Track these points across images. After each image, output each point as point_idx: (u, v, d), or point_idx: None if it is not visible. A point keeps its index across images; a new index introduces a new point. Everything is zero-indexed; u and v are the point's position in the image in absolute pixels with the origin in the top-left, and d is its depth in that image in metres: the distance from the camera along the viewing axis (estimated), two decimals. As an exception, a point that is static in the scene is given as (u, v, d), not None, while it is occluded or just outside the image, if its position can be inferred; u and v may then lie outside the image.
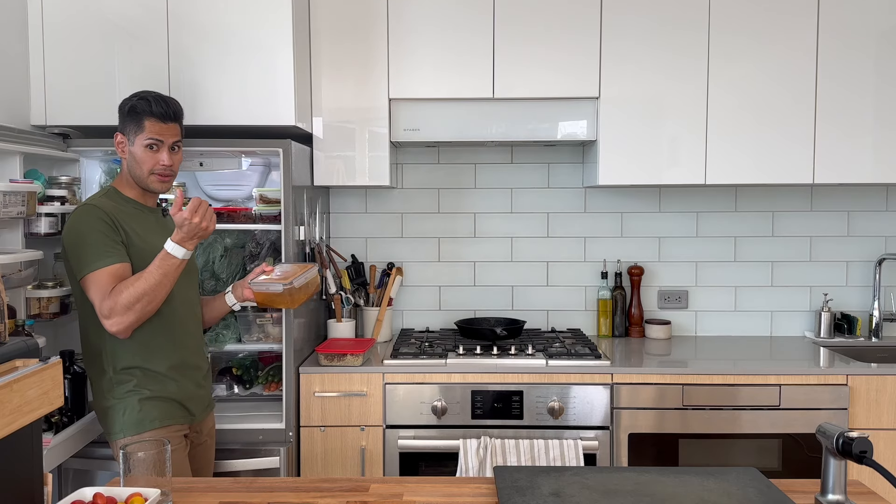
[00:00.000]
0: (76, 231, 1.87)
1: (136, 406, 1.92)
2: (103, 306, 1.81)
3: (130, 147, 1.97)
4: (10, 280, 1.99)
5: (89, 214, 1.88)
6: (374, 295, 2.95)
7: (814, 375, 2.45)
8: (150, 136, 1.95)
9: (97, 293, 1.82)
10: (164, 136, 1.97)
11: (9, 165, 2.11)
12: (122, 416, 1.92)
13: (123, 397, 1.92)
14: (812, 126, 2.64)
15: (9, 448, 1.29)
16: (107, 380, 1.93)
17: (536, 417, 2.45)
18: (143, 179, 1.98)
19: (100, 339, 1.92)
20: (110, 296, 1.81)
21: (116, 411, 1.92)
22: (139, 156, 1.96)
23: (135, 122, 1.96)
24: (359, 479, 1.60)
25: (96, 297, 1.82)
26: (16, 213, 2.02)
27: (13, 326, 2.02)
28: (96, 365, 1.95)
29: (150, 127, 1.95)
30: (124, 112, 1.98)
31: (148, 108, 1.95)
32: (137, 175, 1.98)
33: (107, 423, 1.94)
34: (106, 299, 1.81)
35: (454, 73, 2.64)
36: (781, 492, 1.44)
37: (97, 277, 1.83)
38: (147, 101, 1.95)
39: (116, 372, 1.93)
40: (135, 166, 1.97)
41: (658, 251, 3.07)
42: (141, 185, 1.99)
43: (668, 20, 2.62)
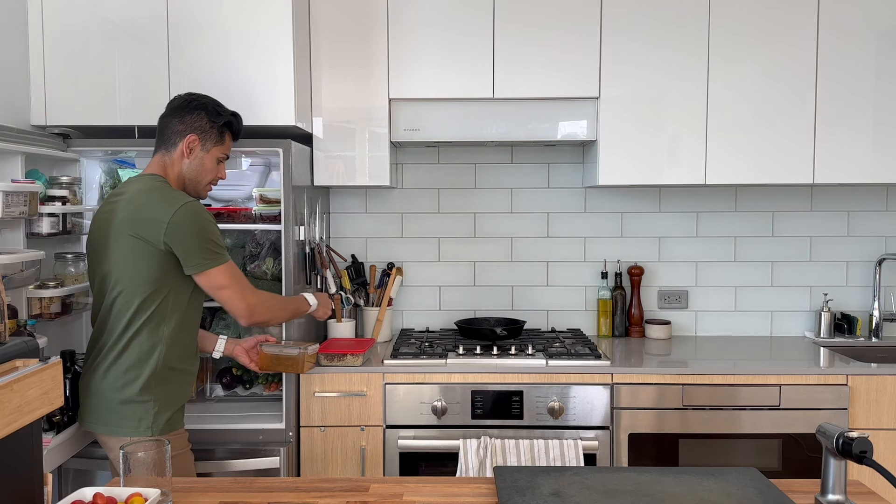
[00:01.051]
0: (199, 225, 1.91)
1: (174, 405, 1.96)
2: (248, 295, 1.99)
3: (203, 153, 2.03)
4: (11, 280, 1.98)
5: (204, 211, 1.96)
6: (374, 295, 2.95)
7: (814, 375, 2.45)
8: (225, 152, 2.09)
9: (235, 282, 1.96)
10: (230, 153, 2.13)
11: (10, 165, 2.11)
12: (155, 414, 1.91)
13: (161, 395, 1.93)
14: (812, 126, 2.64)
15: (9, 448, 1.30)
16: (152, 376, 1.91)
17: (536, 417, 2.45)
18: (199, 185, 2.06)
19: (157, 336, 1.92)
20: (257, 292, 2.03)
21: (149, 407, 1.91)
22: (208, 165, 2.04)
23: (219, 134, 2.05)
24: (359, 479, 1.60)
25: (235, 286, 1.96)
26: (18, 213, 2.02)
27: (15, 326, 2.02)
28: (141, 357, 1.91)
29: (228, 143, 2.09)
30: (217, 123, 2.04)
31: (237, 127, 2.10)
32: (196, 180, 2.04)
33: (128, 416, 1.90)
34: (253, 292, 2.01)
35: (454, 73, 2.64)
36: (781, 492, 1.44)
37: (231, 268, 1.97)
38: (238, 121, 2.10)
39: (163, 369, 1.93)
40: (199, 172, 2.04)
41: (658, 251, 3.07)
42: (193, 189, 2.06)
43: (668, 20, 2.62)
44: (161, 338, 1.92)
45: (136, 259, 1.89)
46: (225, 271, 1.95)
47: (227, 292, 1.96)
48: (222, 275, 1.94)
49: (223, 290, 1.96)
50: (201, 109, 2.02)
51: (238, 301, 1.98)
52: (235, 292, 1.97)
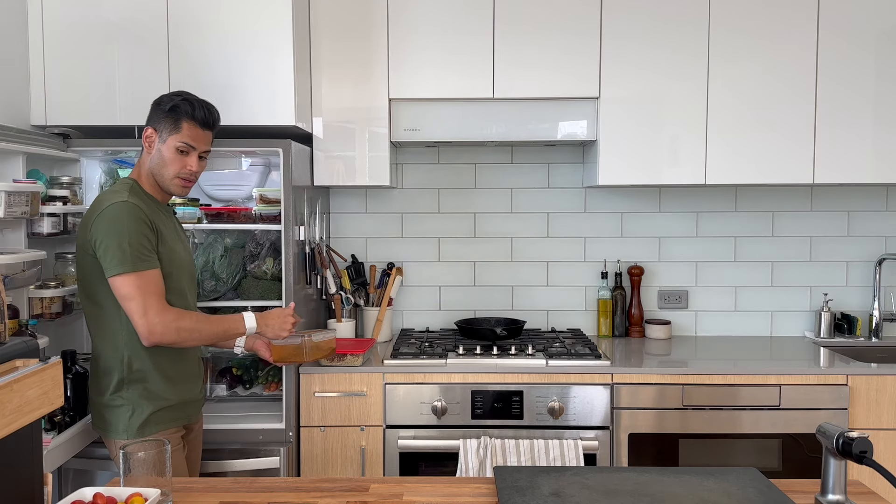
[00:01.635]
0: (115, 227, 1.82)
1: (146, 409, 1.92)
2: (150, 313, 1.80)
3: (160, 144, 1.93)
4: (13, 280, 1.98)
5: (130, 213, 1.84)
6: (374, 295, 2.95)
7: (814, 375, 2.45)
8: (184, 140, 1.93)
9: (140, 294, 1.80)
10: (198, 143, 1.96)
11: (12, 165, 2.12)
12: (129, 418, 1.91)
13: (133, 399, 1.91)
14: (812, 126, 2.64)
15: (9, 448, 1.30)
16: (118, 379, 1.91)
17: (536, 417, 2.45)
18: (165, 180, 1.95)
19: (118, 338, 1.90)
20: (167, 310, 1.83)
21: (124, 411, 1.91)
22: (167, 156, 1.93)
23: (172, 122, 1.92)
24: (359, 479, 1.60)
25: (139, 298, 1.80)
26: (20, 213, 2.02)
27: (16, 326, 2.02)
28: (108, 363, 1.92)
29: (187, 130, 1.93)
30: (163, 109, 1.93)
31: (190, 110, 1.93)
32: (160, 174, 1.95)
33: (109, 421, 1.93)
34: (160, 310, 1.82)
35: (454, 73, 2.64)
36: (781, 492, 1.44)
37: (141, 279, 1.81)
38: (191, 104, 1.94)
39: (131, 372, 1.91)
40: (161, 165, 1.94)
41: (658, 251, 3.07)
42: (161, 184, 1.97)
43: (668, 20, 2.62)
44: (122, 342, 1.90)
45: (83, 267, 1.92)
46: (129, 281, 1.80)
47: (129, 304, 1.81)
48: (125, 284, 1.80)
49: (126, 302, 1.81)
50: (158, 102, 1.96)
51: (137, 316, 1.81)
52: (137, 306, 1.81)
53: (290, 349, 2.18)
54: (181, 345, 1.90)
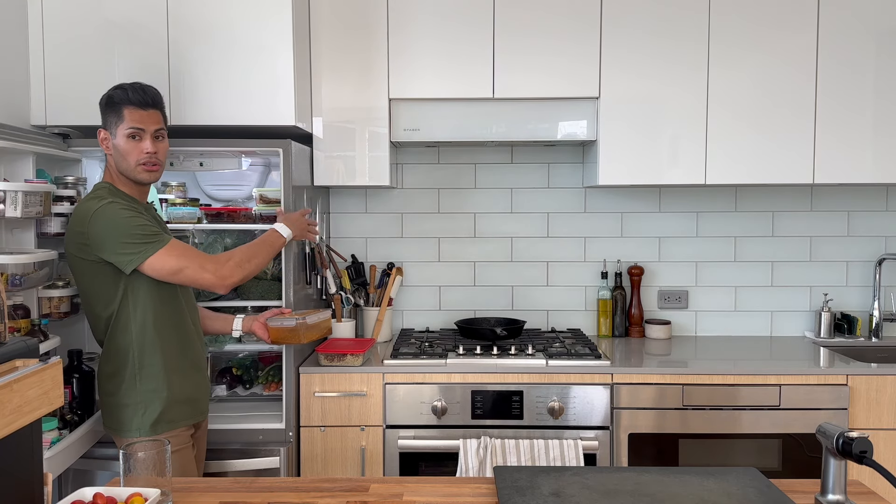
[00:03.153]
0: (114, 224, 1.84)
1: (158, 407, 1.93)
2: (206, 265, 1.89)
3: (114, 140, 1.95)
4: (26, 280, 1.99)
5: (121, 208, 1.86)
6: (374, 295, 2.95)
7: (814, 375, 2.45)
8: (130, 126, 1.93)
9: (185, 258, 1.87)
10: (146, 124, 1.95)
11: (23, 166, 2.12)
12: (142, 416, 1.92)
13: (146, 396, 1.92)
14: (812, 126, 2.64)
15: (9, 448, 1.30)
16: (130, 377, 1.92)
17: (536, 417, 2.45)
18: (130, 171, 1.95)
19: (127, 336, 1.92)
20: (213, 256, 1.92)
21: (137, 409, 1.92)
22: (123, 147, 1.93)
23: (115, 114, 1.94)
24: (359, 479, 1.60)
25: (188, 261, 1.87)
26: (34, 214, 2.02)
27: (29, 326, 2.02)
28: (117, 362, 1.92)
29: (129, 116, 1.93)
30: (103, 105, 1.96)
31: (125, 96, 1.93)
32: (125, 168, 1.95)
33: (121, 420, 1.93)
34: (206, 259, 1.90)
35: (454, 73, 2.64)
36: (781, 492, 1.44)
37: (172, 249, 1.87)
38: (124, 90, 1.94)
39: (142, 368, 1.92)
40: (120, 159, 1.95)
41: (658, 251, 3.07)
42: (130, 177, 1.97)
43: (668, 20, 2.62)
44: (130, 342, 1.92)
45: (82, 273, 1.92)
46: (167, 253, 1.86)
47: (183, 273, 1.88)
48: (166, 257, 1.86)
49: (179, 274, 1.87)
50: (100, 102, 1.98)
51: (200, 275, 1.89)
52: (193, 268, 1.88)
53: (286, 331, 2.19)
54: (249, 273, 1.99)
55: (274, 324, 2.20)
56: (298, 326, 2.18)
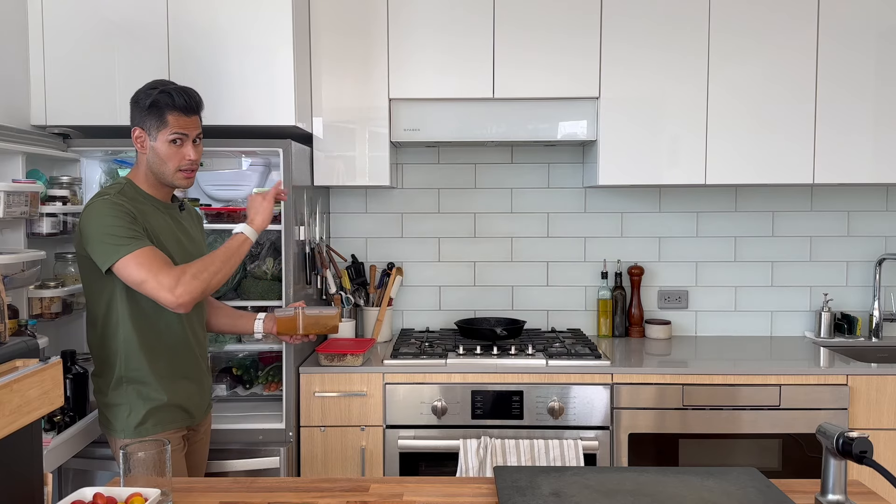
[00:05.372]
0: (98, 221, 1.80)
1: (142, 409, 1.91)
2: (165, 279, 1.76)
3: (152, 143, 1.89)
4: (13, 280, 1.98)
5: (109, 207, 1.81)
6: (374, 295, 2.95)
7: (814, 375, 2.45)
8: (174, 132, 1.88)
9: (148, 269, 1.76)
10: (189, 130, 1.91)
11: (11, 165, 2.12)
12: (127, 418, 1.91)
13: (130, 399, 1.91)
14: (812, 126, 2.64)
15: (9, 448, 1.29)
16: (115, 379, 1.91)
17: (536, 417, 2.45)
18: (168, 176, 1.92)
19: (113, 339, 1.90)
20: (173, 269, 1.79)
21: (121, 411, 1.91)
22: (163, 152, 1.89)
23: (157, 117, 1.88)
24: (359, 479, 1.60)
25: (149, 274, 1.76)
26: (19, 213, 2.02)
27: (16, 326, 2.02)
28: (105, 363, 1.92)
29: (173, 121, 1.88)
30: (143, 106, 1.88)
31: (171, 101, 1.88)
32: (161, 172, 1.91)
33: (109, 419, 1.94)
34: (168, 273, 1.77)
35: (454, 73, 2.64)
36: (781, 492, 1.44)
37: (140, 257, 1.77)
38: (169, 95, 1.88)
39: (128, 370, 1.91)
40: (158, 163, 1.90)
41: (658, 251, 3.07)
42: (164, 181, 1.93)
43: (668, 20, 2.62)
44: (119, 343, 1.90)
45: (80, 267, 1.93)
46: (132, 260, 1.76)
47: (144, 287, 1.78)
48: (130, 265, 1.77)
49: (141, 286, 1.78)
50: (135, 101, 1.91)
51: (157, 293, 1.77)
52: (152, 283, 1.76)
53: (287, 321, 2.14)
54: (210, 289, 1.85)
55: (279, 314, 2.15)
56: (295, 315, 2.13)
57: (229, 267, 1.90)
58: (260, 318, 2.17)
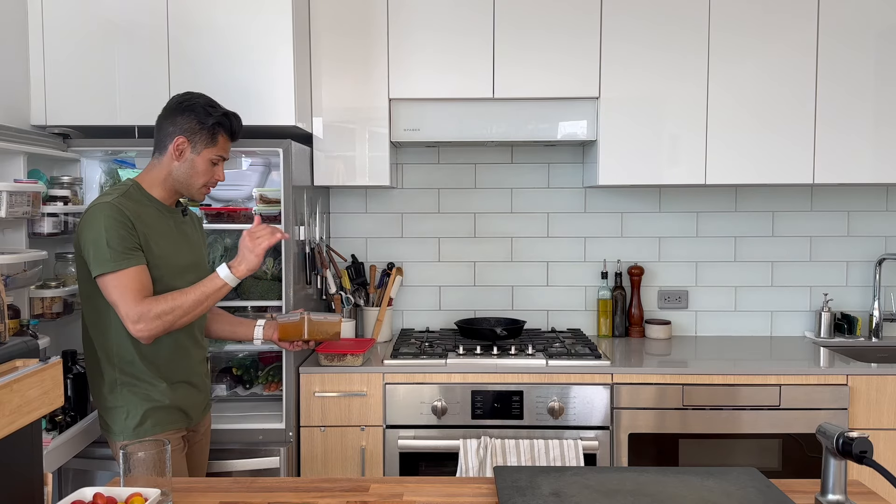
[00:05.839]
0: (95, 228, 1.80)
1: (140, 411, 1.91)
2: (131, 310, 1.78)
3: (193, 155, 1.93)
4: (15, 280, 1.98)
5: (110, 213, 1.81)
6: (374, 295, 2.95)
7: (814, 375, 2.45)
8: (219, 154, 1.97)
9: (120, 294, 1.79)
10: (228, 154, 2.01)
11: (13, 165, 2.12)
12: (125, 420, 1.91)
13: (128, 401, 1.91)
14: (812, 126, 2.64)
15: (9, 448, 1.30)
16: (111, 381, 1.91)
17: (536, 417, 2.45)
18: (192, 189, 1.96)
19: (107, 341, 1.90)
20: (142, 302, 1.79)
21: (119, 413, 1.91)
22: (201, 168, 1.94)
23: (210, 136, 1.94)
24: (359, 479, 1.60)
25: (120, 299, 1.79)
26: (21, 214, 2.02)
27: (17, 326, 2.02)
28: (101, 365, 1.92)
29: (222, 143, 1.97)
30: (206, 125, 1.92)
31: (228, 125, 1.97)
32: (188, 184, 1.95)
33: (108, 422, 1.94)
34: (136, 304, 1.78)
35: (454, 73, 2.64)
36: (781, 492, 1.44)
37: (120, 278, 1.79)
38: (228, 119, 1.97)
39: (123, 373, 1.91)
40: (189, 175, 1.94)
41: (658, 251, 3.07)
42: (186, 192, 1.97)
43: (668, 20, 2.62)
44: (114, 343, 1.89)
45: (78, 268, 1.92)
46: (110, 282, 1.79)
47: (116, 309, 1.80)
48: (108, 285, 1.79)
49: (114, 305, 1.81)
50: (191, 111, 1.93)
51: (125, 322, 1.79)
52: (121, 309, 1.79)
53: (290, 326, 2.16)
54: (174, 327, 1.85)
55: (282, 319, 2.18)
56: (301, 321, 2.16)
57: (201, 310, 1.89)
58: (259, 324, 2.18)
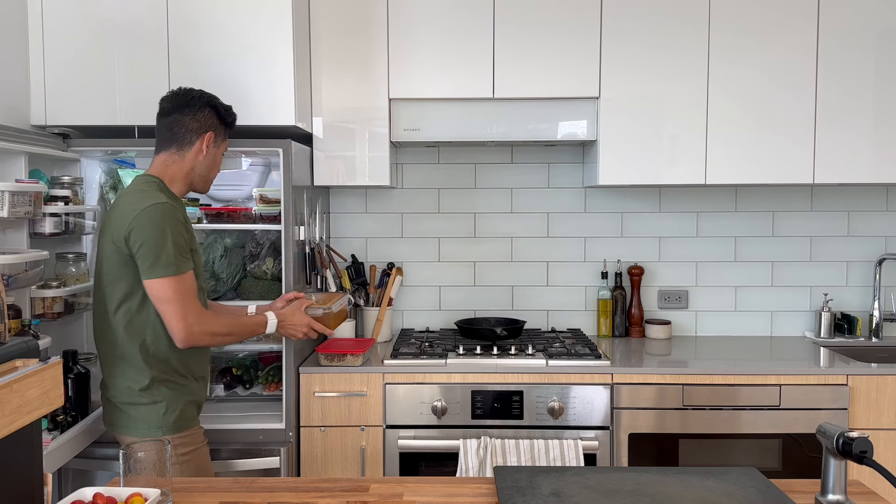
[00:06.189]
0: (156, 229, 1.83)
1: (178, 406, 1.94)
2: (190, 315, 1.86)
3: (214, 149, 2.04)
4: (17, 280, 1.99)
5: (171, 215, 1.87)
6: (374, 295, 2.95)
7: (814, 375, 2.45)
8: (226, 147, 2.13)
9: (179, 298, 1.84)
10: None
11: (14, 166, 2.12)
12: (163, 415, 1.92)
13: (166, 396, 1.92)
14: (812, 126, 2.64)
15: (9, 448, 1.30)
16: (148, 379, 1.91)
17: (536, 417, 2.45)
18: (208, 182, 2.07)
19: (145, 340, 1.90)
20: (204, 313, 1.91)
21: (156, 409, 1.91)
22: (218, 161, 2.07)
23: (226, 130, 2.08)
24: (359, 479, 1.60)
25: (178, 302, 1.84)
26: (23, 213, 2.02)
27: (19, 326, 2.02)
28: (138, 361, 1.91)
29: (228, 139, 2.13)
30: (226, 121, 2.06)
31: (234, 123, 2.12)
32: (207, 177, 2.05)
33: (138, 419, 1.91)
34: (195, 310, 1.87)
35: (454, 72, 2.64)
36: (781, 492, 1.44)
37: (181, 282, 1.85)
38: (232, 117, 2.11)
39: (161, 371, 1.92)
40: (209, 168, 2.04)
41: (658, 251, 3.07)
42: (201, 186, 2.06)
43: (668, 20, 2.62)
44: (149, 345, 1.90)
45: (112, 262, 1.89)
46: (169, 284, 1.83)
47: (167, 307, 1.85)
48: (166, 287, 1.83)
49: (165, 304, 1.85)
50: (211, 107, 2.02)
51: (175, 320, 1.85)
52: (176, 310, 1.84)
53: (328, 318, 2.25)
54: (211, 346, 2.02)
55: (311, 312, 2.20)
56: (325, 316, 2.22)
57: (238, 340, 2.08)
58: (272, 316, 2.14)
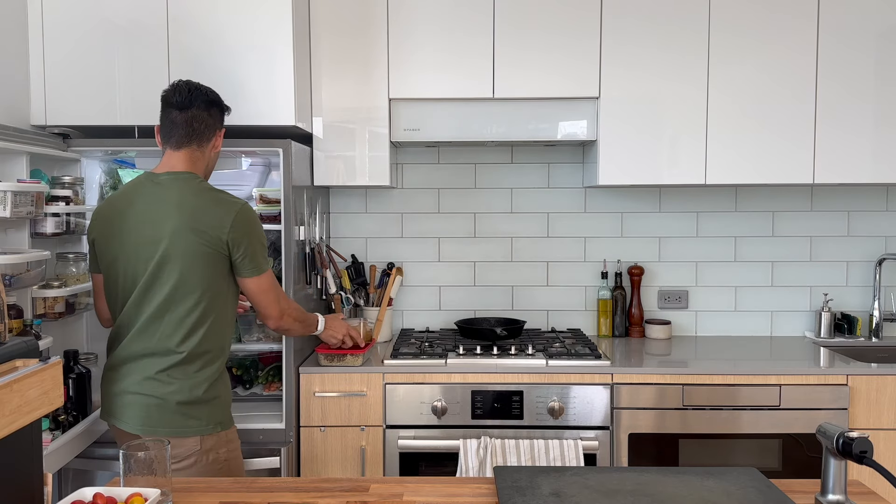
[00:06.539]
0: (258, 228, 1.99)
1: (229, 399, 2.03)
2: (282, 300, 2.05)
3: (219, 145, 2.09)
4: (19, 280, 1.99)
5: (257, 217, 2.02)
6: (374, 295, 2.95)
7: (814, 375, 2.45)
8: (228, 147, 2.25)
9: (274, 286, 2.02)
10: None
11: (16, 166, 2.12)
12: (222, 411, 1.98)
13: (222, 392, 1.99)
14: (812, 126, 2.64)
15: (9, 448, 1.30)
16: (218, 373, 1.98)
17: (536, 417, 2.45)
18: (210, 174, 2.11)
19: (223, 336, 1.99)
20: (288, 300, 2.10)
21: (216, 405, 1.95)
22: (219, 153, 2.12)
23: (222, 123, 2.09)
24: (359, 479, 1.60)
25: (273, 289, 2.01)
26: (25, 213, 2.02)
27: (21, 326, 2.02)
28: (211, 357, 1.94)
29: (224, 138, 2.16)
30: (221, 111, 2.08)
31: None
32: (211, 171, 2.11)
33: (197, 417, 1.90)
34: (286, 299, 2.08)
35: (454, 73, 2.64)
36: (781, 492, 1.44)
37: (272, 275, 2.02)
38: None
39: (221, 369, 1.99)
40: (215, 163, 2.11)
41: (658, 251, 3.07)
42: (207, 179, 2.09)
43: (668, 20, 2.62)
44: (226, 341, 2.00)
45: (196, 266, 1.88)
46: (269, 276, 2.01)
47: (269, 295, 2.01)
48: (269, 278, 2.01)
49: (267, 294, 2.00)
50: (219, 105, 2.07)
51: (274, 306, 2.02)
52: (274, 296, 2.02)
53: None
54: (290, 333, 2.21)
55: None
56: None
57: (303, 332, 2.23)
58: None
